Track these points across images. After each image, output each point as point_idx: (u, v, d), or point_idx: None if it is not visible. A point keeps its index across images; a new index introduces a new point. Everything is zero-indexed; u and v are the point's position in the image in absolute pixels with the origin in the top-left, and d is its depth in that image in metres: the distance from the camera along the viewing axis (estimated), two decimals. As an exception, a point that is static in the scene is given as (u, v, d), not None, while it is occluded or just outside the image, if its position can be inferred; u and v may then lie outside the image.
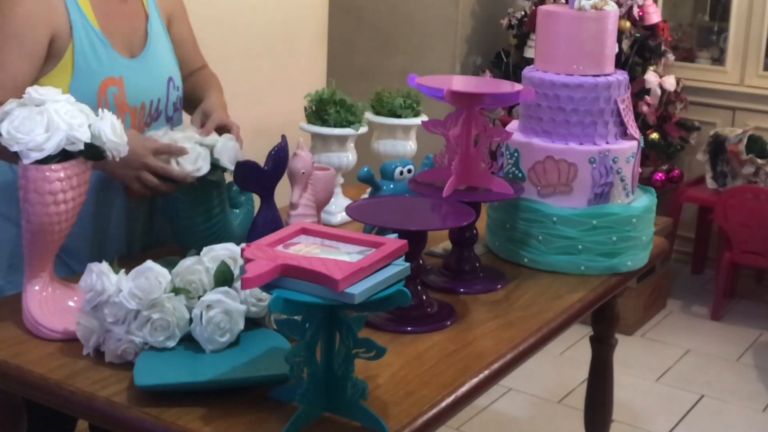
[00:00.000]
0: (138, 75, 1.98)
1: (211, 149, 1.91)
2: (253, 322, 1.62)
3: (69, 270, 1.93)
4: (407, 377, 1.53)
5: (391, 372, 1.54)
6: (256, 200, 2.01)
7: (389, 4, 4.30)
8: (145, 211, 2.10)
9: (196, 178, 1.88)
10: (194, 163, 1.87)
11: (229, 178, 1.98)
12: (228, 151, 1.92)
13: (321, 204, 1.99)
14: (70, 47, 1.88)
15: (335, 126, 2.26)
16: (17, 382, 1.54)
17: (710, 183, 4.33)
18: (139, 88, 1.98)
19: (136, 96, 1.97)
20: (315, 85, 3.44)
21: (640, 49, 4.14)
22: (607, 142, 2.06)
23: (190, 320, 1.55)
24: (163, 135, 1.91)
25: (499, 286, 1.95)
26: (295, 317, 1.36)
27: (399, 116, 2.41)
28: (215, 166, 1.91)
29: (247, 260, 1.33)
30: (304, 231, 1.47)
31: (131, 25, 2.01)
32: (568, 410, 3.37)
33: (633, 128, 2.11)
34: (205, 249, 1.61)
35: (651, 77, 4.11)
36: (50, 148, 1.56)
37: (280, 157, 1.93)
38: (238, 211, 2.08)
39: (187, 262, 1.60)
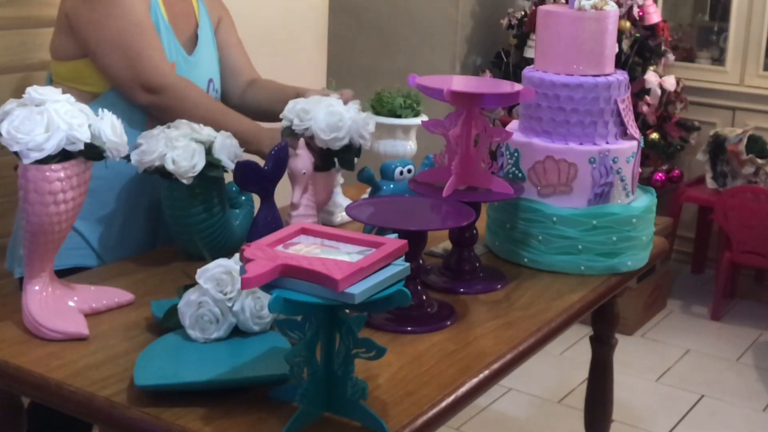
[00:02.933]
0: (187, 69, 2.12)
1: (209, 147, 1.91)
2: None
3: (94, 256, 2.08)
4: (407, 377, 1.53)
5: (391, 372, 1.54)
6: (256, 200, 2.01)
7: (389, 4, 4.30)
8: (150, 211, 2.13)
9: (194, 177, 1.89)
10: (190, 160, 1.87)
11: (228, 177, 1.99)
12: (227, 149, 1.92)
13: (321, 204, 1.99)
14: None
15: (335, 126, 2.25)
16: (17, 382, 1.54)
17: (710, 183, 4.33)
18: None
19: None
20: (315, 85, 3.44)
21: (640, 49, 4.14)
22: (607, 142, 2.06)
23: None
24: (158, 133, 1.91)
25: (499, 286, 1.95)
26: (295, 317, 1.36)
27: (399, 116, 2.41)
28: (215, 165, 1.91)
29: (247, 260, 1.33)
30: (304, 231, 1.47)
31: (186, 25, 2.17)
32: (568, 410, 3.37)
33: (633, 128, 2.11)
34: (199, 271, 1.60)
35: (651, 77, 4.11)
36: (50, 148, 1.56)
37: (280, 157, 1.92)
38: (238, 211, 2.08)
39: (191, 297, 1.59)
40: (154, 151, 1.88)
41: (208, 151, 1.91)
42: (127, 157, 1.91)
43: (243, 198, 2.11)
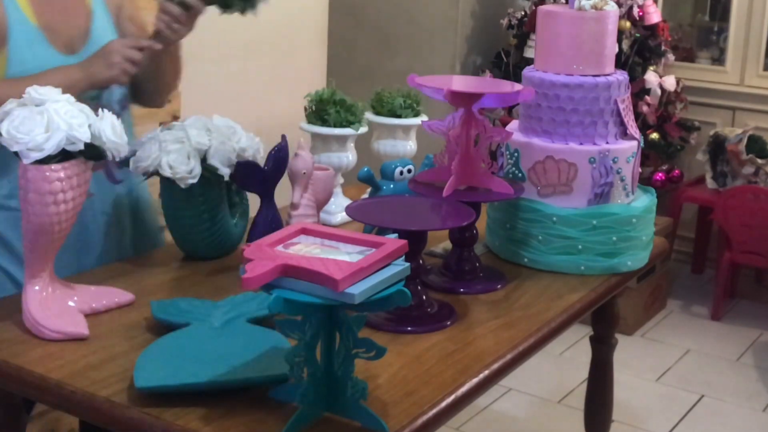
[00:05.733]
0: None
1: (204, 153, 1.90)
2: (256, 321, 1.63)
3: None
4: (407, 377, 1.53)
5: (391, 372, 1.54)
6: (252, 200, 2.01)
7: (389, 4, 4.30)
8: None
9: (191, 183, 1.88)
10: (187, 164, 1.87)
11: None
12: (220, 154, 1.91)
13: (321, 204, 1.99)
14: (6, 43, 1.87)
15: (335, 126, 2.26)
16: (17, 382, 1.54)
17: (710, 183, 4.33)
18: None
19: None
20: (315, 85, 3.44)
21: (640, 49, 4.14)
22: (607, 142, 2.06)
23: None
24: (152, 137, 1.91)
25: (499, 286, 1.95)
26: (295, 317, 1.36)
27: (399, 116, 2.41)
28: (210, 170, 1.90)
29: (247, 260, 1.33)
30: (304, 231, 1.47)
31: (72, 23, 1.98)
32: (568, 410, 3.37)
33: (633, 128, 2.11)
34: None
35: (651, 77, 4.11)
36: (50, 148, 1.56)
37: (280, 157, 1.93)
38: (233, 210, 2.08)
39: None
40: (149, 157, 1.88)
41: (203, 159, 1.90)
42: (125, 163, 1.91)
43: (237, 198, 2.11)
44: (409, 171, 2.13)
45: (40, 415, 2.52)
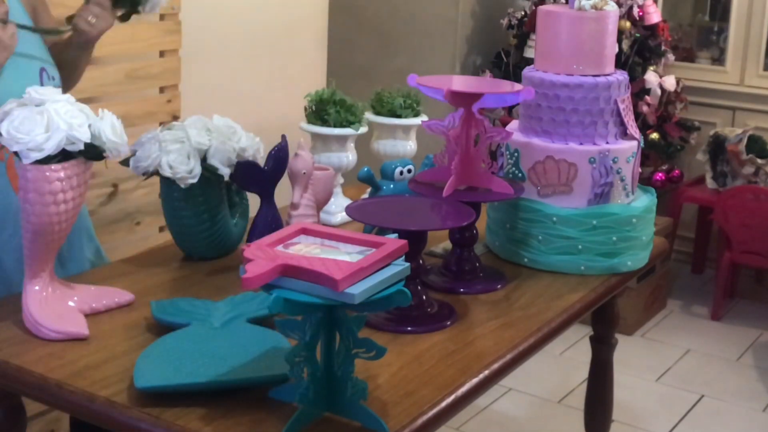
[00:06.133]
0: (3, 70, 1.85)
1: (204, 153, 1.90)
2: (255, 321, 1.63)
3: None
4: (407, 377, 1.53)
5: (391, 372, 1.54)
6: (252, 200, 2.01)
7: (389, 4, 4.30)
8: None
9: (191, 183, 1.88)
10: (187, 164, 1.87)
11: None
12: (220, 154, 1.91)
13: (321, 204, 1.99)
14: None
15: (335, 126, 2.26)
16: (17, 382, 1.54)
17: (710, 183, 4.33)
18: (5, 83, 1.85)
19: (4, 92, 1.81)
20: (315, 85, 3.44)
21: (640, 49, 4.14)
22: (607, 142, 2.06)
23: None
24: (152, 137, 1.91)
25: (499, 286, 1.95)
26: (295, 317, 1.36)
27: (399, 116, 2.41)
28: (210, 170, 1.90)
29: (247, 260, 1.33)
30: (304, 231, 1.47)
31: None
32: (568, 410, 3.37)
33: (633, 128, 2.11)
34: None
35: (651, 77, 4.11)
36: (50, 148, 1.56)
37: (280, 156, 1.93)
38: (233, 210, 2.08)
39: None
40: (149, 157, 1.88)
41: (203, 158, 1.90)
42: (126, 162, 1.91)
43: (237, 198, 2.11)
44: (409, 171, 2.13)
45: (40, 415, 2.52)
